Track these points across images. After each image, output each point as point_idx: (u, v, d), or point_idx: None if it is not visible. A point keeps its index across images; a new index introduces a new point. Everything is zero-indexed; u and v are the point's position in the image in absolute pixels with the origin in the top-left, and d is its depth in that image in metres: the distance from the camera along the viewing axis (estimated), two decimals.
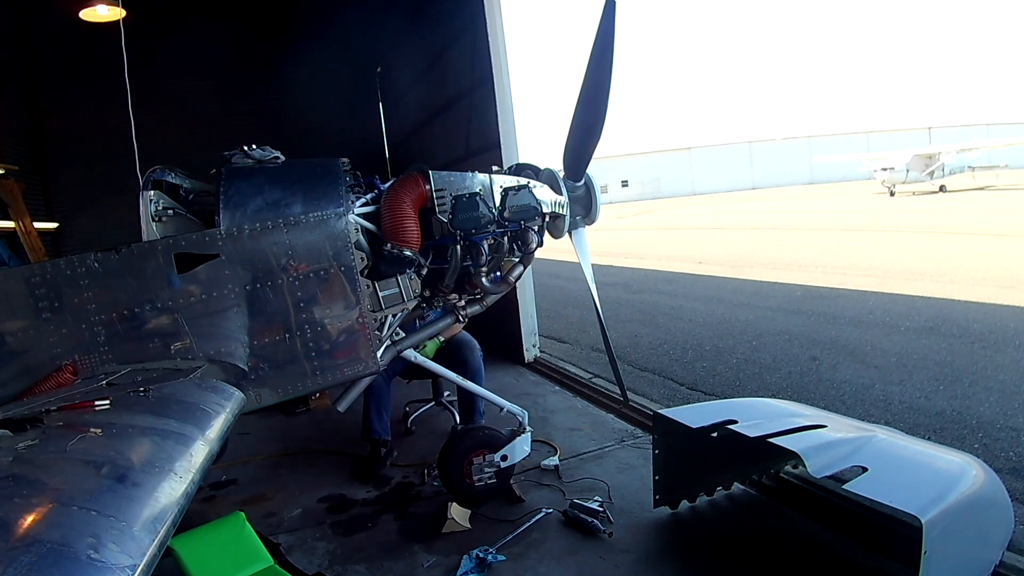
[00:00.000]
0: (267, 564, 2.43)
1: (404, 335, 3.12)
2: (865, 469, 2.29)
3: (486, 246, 2.98)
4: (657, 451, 3.04)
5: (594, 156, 3.13)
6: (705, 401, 4.68)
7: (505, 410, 3.37)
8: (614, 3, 2.71)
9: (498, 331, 6.18)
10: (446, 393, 4.67)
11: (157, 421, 1.84)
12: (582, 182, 3.25)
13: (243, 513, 2.56)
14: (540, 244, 3.20)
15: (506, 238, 3.05)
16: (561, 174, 3.19)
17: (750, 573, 2.62)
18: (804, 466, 2.37)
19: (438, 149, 7.62)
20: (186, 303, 2.51)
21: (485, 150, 5.95)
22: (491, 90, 5.81)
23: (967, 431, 3.76)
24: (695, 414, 2.97)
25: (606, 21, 2.75)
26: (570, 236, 3.29)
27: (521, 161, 3.51)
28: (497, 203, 2.95)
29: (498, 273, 3.18)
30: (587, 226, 3.35)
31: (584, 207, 3.29)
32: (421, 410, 4.69)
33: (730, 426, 2.70)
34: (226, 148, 2.86)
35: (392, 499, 3.55)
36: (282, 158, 2.93)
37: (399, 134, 9.98)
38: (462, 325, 3.37)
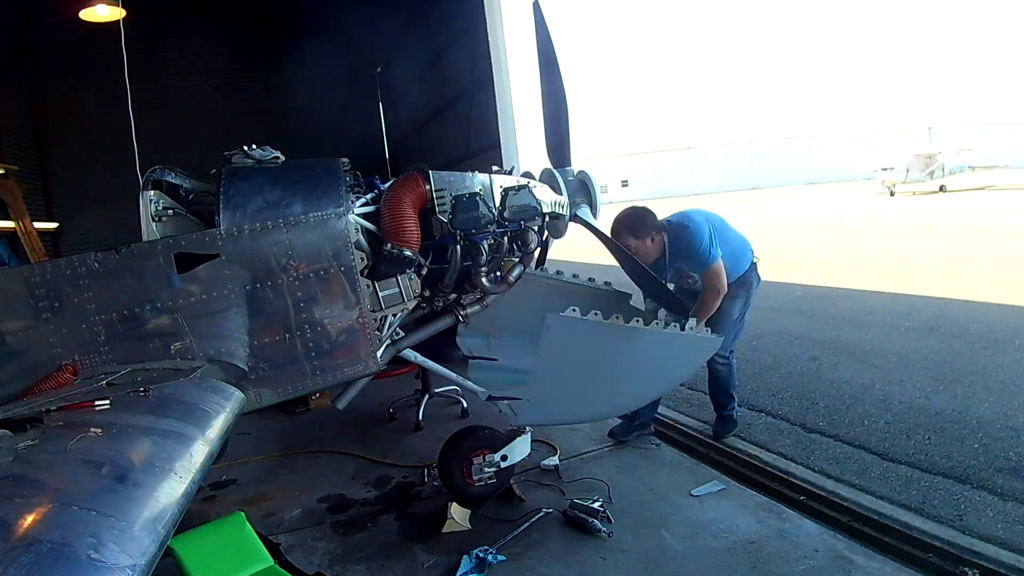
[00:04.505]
0: (267, 564, 2.43)
1: (404, 335, 3.12)
2: None
3: (486, 246, 2.98)
4: None
5: (597, 158, 3.16)
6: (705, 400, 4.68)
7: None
8: (539, 5, 3.13)
9: None
10: (439, 389, 4.70)
11: (157, 421, 1.84)
12: (572, 168, 3.28)
13: (243, 513, 2.57)
14: (540, 244, 3.20)
15: (506, 238, 3.05)
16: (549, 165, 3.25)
17: (750, 573, 2.62)
18: None
19: (438, 149, 7.63)
20: (186, 303, 2.51)
21: (485, 150, 5.96)
22: (491, 90, 5.82)
23: (967, 431, 3.76)
24: None
25: (539, 23, 3.15)
26: (577, 221, 3.26)
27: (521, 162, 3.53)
28: (497, 203, 2.95)
29: (498, 273, 3.18)
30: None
31: (583, 196, 3.29)
32: (423, 404, 4.68)
33: None
34: (226, 148, 2.86)
35: (392, 499, 3.56)
36: (282, 158, 2.93)
37: (399, 134, 9.99)
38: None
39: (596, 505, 3.08)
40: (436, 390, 4.73)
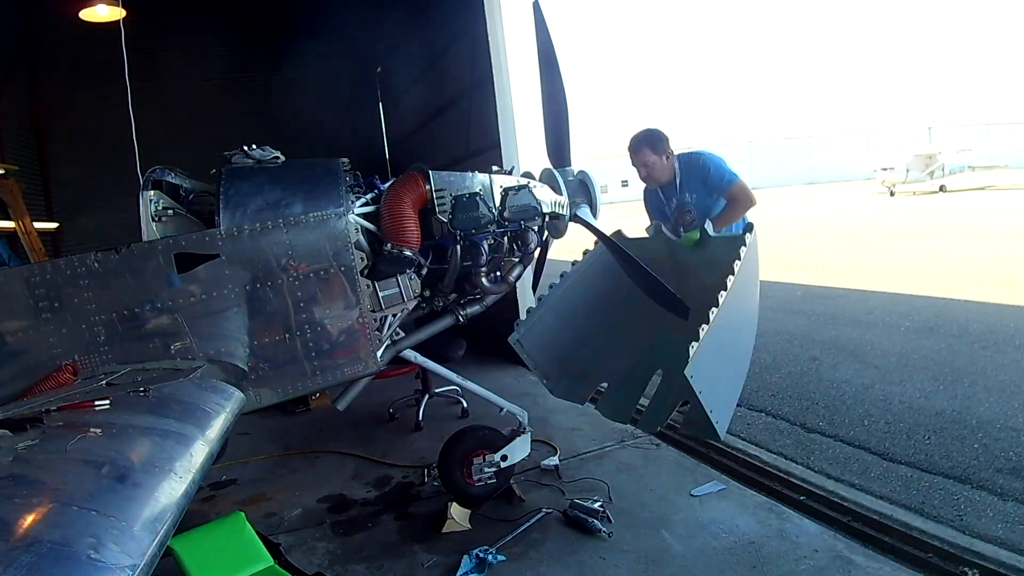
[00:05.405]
0: (267, 564, 2.43)
1: (404, 335, 3.12)
2: None
3: (486, 246, 2.98)
4: None
5: (597, 158, 3.15)
6: None
7: (505, 410, 3.37)
8: (539, 5, 3.10)
9: (498, 331, 6.17)
10: (439, 389, 4.72)
11: (157, 421, 1.84)
12: (572, 168, 3.27)
13: (243, 513, 2.57)
14: (540, 244, 3.20)
15: (506, 238, 3.05)
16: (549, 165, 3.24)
17: (750, 573, 2.62)
18: None
19: (438, 149, 7.61)
20: (186, 303, 2.51)
21: (485, 150, 5.94)
22: (491, 90, 5.80)
23: (967, 431, 3.76)
24: None
25: (539, 23, 3.13)
26: (577, 221, 3.24)
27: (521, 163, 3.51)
28: (497, 203, 2.95)
29: (498, 273, 3.18)
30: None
31: (583, 196, 3.28)
32: (423, 404, 4.70)
33: None
34: (226, 148, 2.86)
35: (392, 499, 3.56)
36: (282, 158, 2.93)
37: (399, 134, 9.96)
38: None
39: (596, 505, 3.08)
40: (436, 390, 4.75)
